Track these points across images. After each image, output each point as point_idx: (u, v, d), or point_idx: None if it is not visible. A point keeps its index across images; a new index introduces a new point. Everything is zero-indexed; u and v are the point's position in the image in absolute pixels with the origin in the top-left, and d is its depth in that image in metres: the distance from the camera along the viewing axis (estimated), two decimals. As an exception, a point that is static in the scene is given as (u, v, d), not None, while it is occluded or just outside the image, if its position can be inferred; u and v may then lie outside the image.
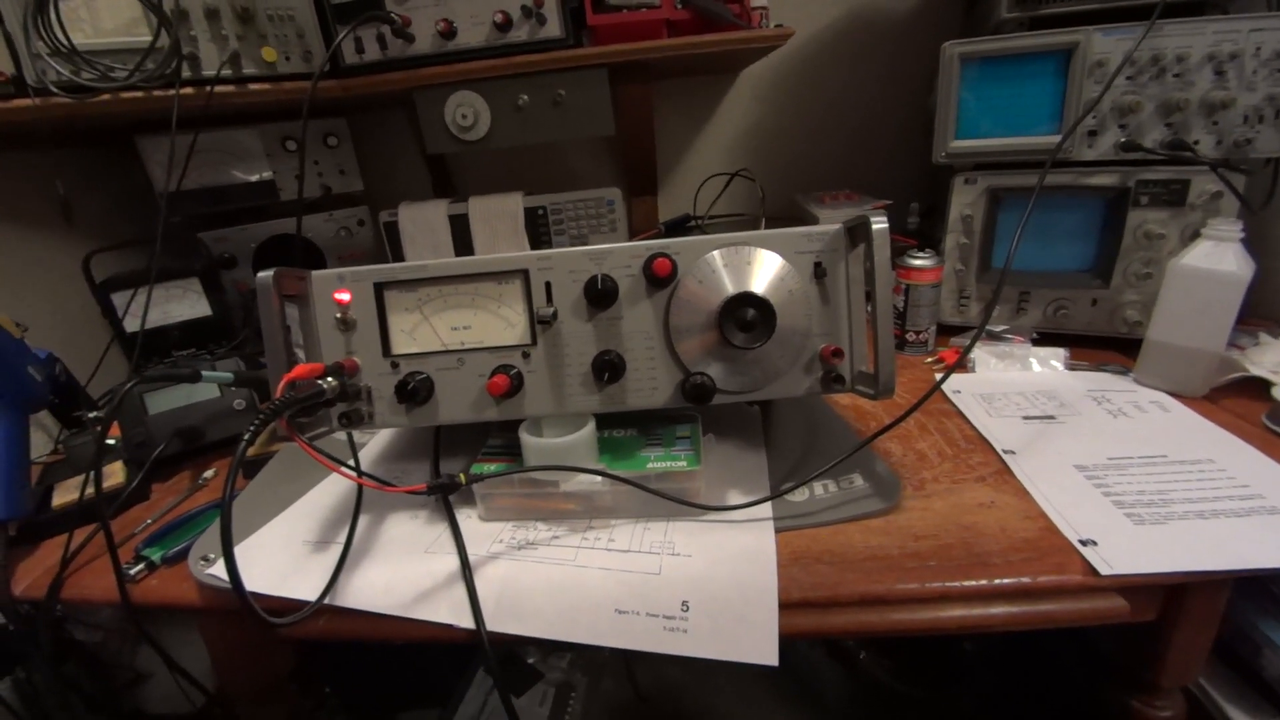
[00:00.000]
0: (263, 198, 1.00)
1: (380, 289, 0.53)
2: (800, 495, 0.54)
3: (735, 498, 0.53)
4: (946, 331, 0.86)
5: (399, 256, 1.02)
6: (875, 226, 0.45)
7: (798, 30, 0.92)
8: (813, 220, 0.96)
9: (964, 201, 0.81)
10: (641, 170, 1.19)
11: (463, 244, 1.01)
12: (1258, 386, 0.67)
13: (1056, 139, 0.73)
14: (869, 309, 0.49)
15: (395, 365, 0.53)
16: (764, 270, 0.50)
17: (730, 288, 0.49)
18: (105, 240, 0.93)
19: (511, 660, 1.04)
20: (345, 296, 0.52)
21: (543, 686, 1.01)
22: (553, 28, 0.86)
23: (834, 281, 0.51)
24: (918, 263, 0.79)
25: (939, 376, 0.60)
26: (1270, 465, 0.56)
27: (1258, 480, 0.54)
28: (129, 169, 0.95)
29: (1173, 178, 0.73)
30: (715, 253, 0.50)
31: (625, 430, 0.58)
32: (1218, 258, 0.66)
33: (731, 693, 1.03)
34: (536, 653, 1.06)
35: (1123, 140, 0.73)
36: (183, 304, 0.93)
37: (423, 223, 1.00)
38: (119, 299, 0.88)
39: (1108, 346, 0.80)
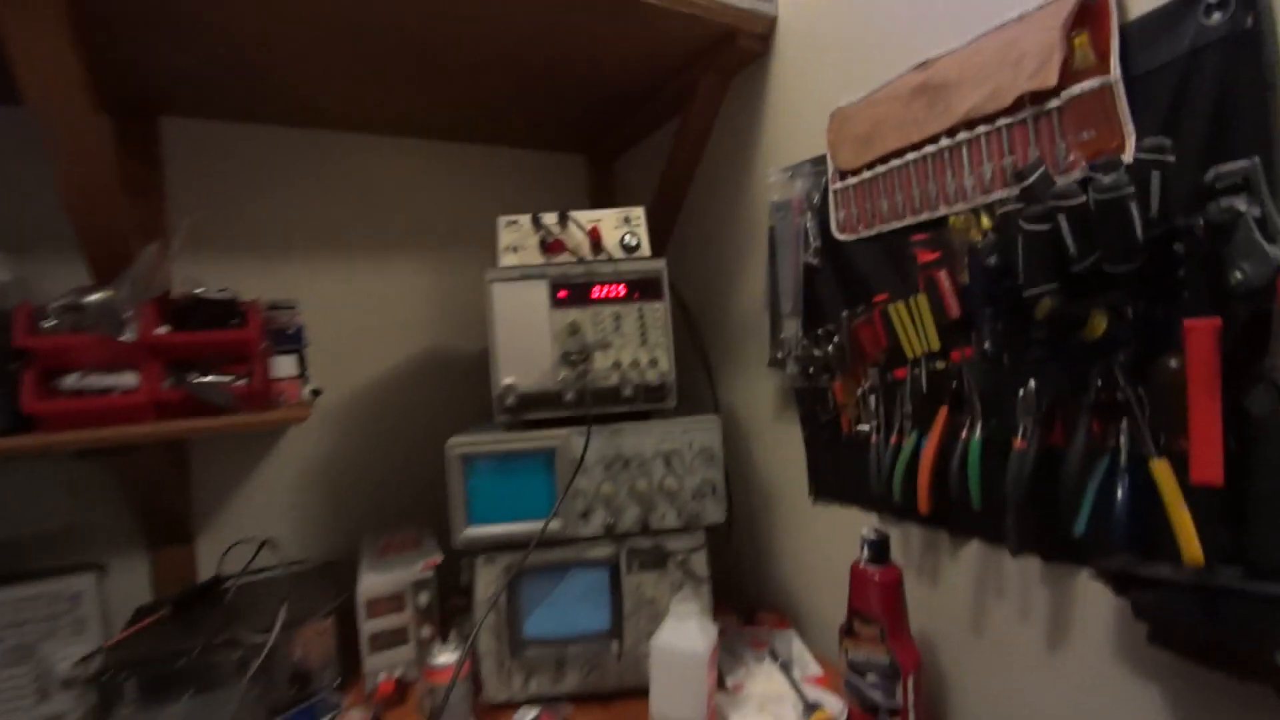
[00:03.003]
0: None
1: None
2: None
3: None
4: (502, 708, 0.82)
5: None
6: None
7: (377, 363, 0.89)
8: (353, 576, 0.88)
9: (488, 579, 0.82)
10: (167, 525, 0.99)
11: None
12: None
13: (554, 522, 0.80)
14: None
15: None
16: None
17: None
18: None
19: None
20: None
21: None
22: (-26, 413, 0.69)
23: None
24: (441, 661, 0.75)
25: None
26: None
27: None
28: None
29: (651, 546, 0.84)
30: None
31: None
32: (682, 635, 0.75)
33: None
34: None
35: (608, 521, 0.83)
36: None
37: None
38: None
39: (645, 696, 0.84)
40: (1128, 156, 0.57)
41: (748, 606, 1.08)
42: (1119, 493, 0.59)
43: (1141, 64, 0.57)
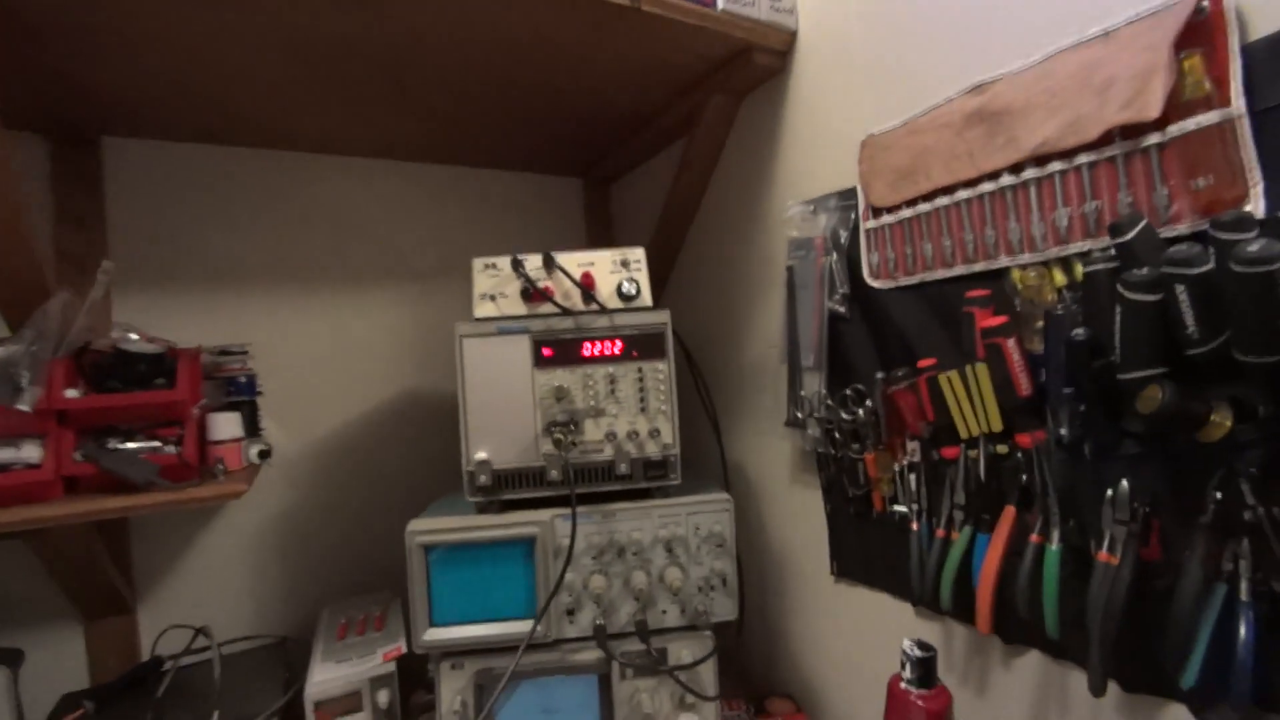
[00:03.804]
0: None
1: None
2: None
3: None
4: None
5: None
6: None
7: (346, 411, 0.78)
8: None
9: (454, 688, 0.69)
10: (101, 599, 0.87)
11: None
12: None
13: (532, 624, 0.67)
14: None
15: None
16: None
17: None
18: None
19: None
20: None
21: None
22: None
23: None
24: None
25: None
26: None
27: None
28: None
29: (648, 653, 0.71)
30: None
31: None
32: (686, 772, 0.62)
33: None
34: None
35: (598, 621, 0.70)
36: None
37: None
38: None
39: (633, 827, 0.72)
40: (1253, 211, 0.45)
41: (756, 692, 0.95)
42: (1241, 633, 0.46)
43: (1269, 95, 0.45)
